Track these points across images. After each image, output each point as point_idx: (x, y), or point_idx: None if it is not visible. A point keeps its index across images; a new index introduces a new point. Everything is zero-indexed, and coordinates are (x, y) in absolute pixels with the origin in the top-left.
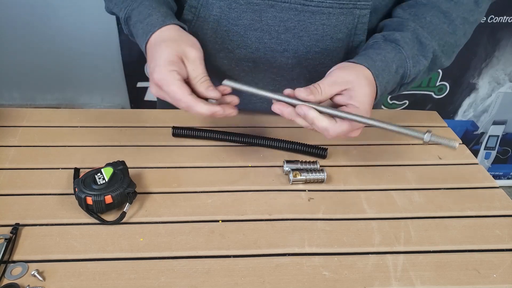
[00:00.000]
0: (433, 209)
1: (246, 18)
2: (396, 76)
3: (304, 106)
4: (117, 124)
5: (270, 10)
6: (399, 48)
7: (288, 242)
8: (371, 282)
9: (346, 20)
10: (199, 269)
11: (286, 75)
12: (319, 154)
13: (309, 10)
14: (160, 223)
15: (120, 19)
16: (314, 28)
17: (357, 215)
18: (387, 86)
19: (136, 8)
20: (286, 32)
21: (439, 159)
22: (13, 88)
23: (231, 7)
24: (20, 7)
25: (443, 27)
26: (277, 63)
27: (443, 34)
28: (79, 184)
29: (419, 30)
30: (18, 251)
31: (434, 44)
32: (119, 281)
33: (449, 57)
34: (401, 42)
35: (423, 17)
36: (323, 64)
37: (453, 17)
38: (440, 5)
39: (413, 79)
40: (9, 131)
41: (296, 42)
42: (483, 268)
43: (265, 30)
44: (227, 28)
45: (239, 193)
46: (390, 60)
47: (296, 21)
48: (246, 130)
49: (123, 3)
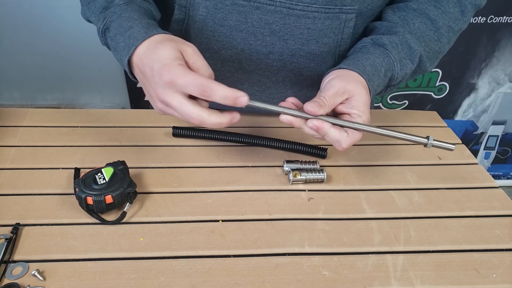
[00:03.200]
0: (433, 209)
1: (232, 19)
2: (384, 79)
3: (315, 120)
4: (117, 124)
5: (256, 12)
6: (387, 52)
7: (288, 242)
8: (371, 282)
9: (332, 25)
10: (199, 269)
11: (272, 77)
12: (319, 154)
13: (294, 13)
14: (160, 223)
15: (97, 30)
16: (299, 32)
17: (357, 215)
18: (377, 89)
19: (115, 20)
20: (271, 34)
21: (439, 159)
22: (13, 88)
23: (217, 8)
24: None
25: (429, 34)
26: (263, 65)
27: (429, 40)
28: (80, 184)
29: (408, 35)
30: (19, 251)
31: (421, 49)
32: (119, 281)
33: (432, 62)
34: (389, 47)
35: (412, 23)
36: (308, 67)
37: (439, 25)
38: (429, 13)
39: (400, 81)
40: (9, 131)
41: (281, 45)
42: (483, 268)
43: (250, 31)
44: (212, 28)
45: (239, 193)
46: (379, 64)
47: (281, 24)
48: (246, 130)
49: (101, 14)
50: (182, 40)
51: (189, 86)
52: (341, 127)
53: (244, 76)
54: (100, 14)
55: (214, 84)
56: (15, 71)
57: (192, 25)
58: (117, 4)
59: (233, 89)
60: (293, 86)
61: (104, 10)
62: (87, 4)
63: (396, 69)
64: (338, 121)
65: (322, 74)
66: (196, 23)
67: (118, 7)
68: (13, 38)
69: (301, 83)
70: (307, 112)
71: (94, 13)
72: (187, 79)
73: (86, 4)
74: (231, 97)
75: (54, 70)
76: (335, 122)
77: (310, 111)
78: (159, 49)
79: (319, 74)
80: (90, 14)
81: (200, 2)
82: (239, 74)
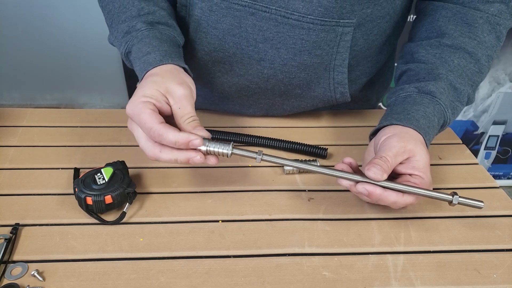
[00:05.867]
0: (433, 209)
1: (226, 23)
2: (438, 127)
3: (367, 185)
4: (117, 124)
5: (250, 17)
6: (436, 100)
7: (288, 242)
8: (371, 282)
9: (327, 37)
10: (199, 269)
11: (261, 83)
12: (319, 154)
13: (289, 23)
14: (160, 223)
15: (121, 54)
16: (293, 42)
17: (357, 215)
18: (431, 139)
19: (136, 44)
20: (264, 41)
21: (439, 159)
22: (13, 88)
23: (211, 10)
24: (20, 7)
25: (470, 68)
26: (253, 71)
27: (472, 74)
28: (79, 184)
29: (451, 76)
30: (18, 251)
31: (467, 88)
32: (119, 281)
33: (475, 92)
34: (437, 94)
35: (450, 60)
36: (299, 77)
37: (479, 56)
38: (465, 46)
39: (449, 123)
40: (9, 131)
41: (273, 53)
42: (483, 268)
43: (243, 36)
44: (206, 30)
45: (239, 193)
46: (431, 114)
47: (275, 32)
48: (246, 130)
49: (124, 38)
50: (181, 80)
51: (140, 123)
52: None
53: (233, 79)
54: (122, 38)
55: (164, 130)
56: (15, 71)
57: (190, 24)
58: (139, 29)
59: (185, 133)
60: (282, 94)
61: (126, 35)
62: (110, 30)
63: (448, 115)
64: (390, 184)
65: (312, 84)
66: (191, 23)
67: (140, 32)
68: (13, 38)
69: (290, 92)
70: (370, 179)
71: (117, 38)
72: (141, 118)
73: (110, 30)
74: (183, 142)
75: (54, 70)
76: (386, 186)
77: (373, 178)
78: (144, 83)
79: (309, 84)
80: (114, 39)
81: (196, 3)
82: (228, 77)
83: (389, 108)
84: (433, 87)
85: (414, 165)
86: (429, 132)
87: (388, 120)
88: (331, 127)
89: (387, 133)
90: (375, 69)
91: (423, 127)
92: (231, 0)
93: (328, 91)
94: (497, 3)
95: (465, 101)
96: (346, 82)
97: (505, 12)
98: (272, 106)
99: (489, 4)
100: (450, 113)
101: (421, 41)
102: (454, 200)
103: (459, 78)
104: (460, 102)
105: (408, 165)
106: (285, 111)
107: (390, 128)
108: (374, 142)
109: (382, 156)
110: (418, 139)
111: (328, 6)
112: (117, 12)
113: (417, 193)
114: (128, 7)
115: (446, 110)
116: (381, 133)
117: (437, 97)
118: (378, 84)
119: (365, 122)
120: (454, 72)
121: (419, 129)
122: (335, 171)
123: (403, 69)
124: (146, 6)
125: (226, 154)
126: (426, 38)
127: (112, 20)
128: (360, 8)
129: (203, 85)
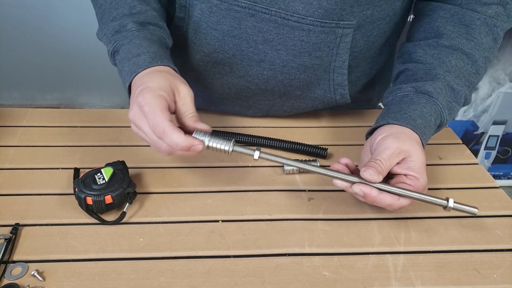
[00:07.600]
0: (433, 209)
1: (225, 24)
2: (434, 127)
3: (363, 186)
4: (117, 124)
5: (250, 19)
6: (433, 100)
7: (288, 242)
8: (371, 282)
9: (327, 39)
10: (199, 269)
11: (261, 85)
12: (319, 154)
13: (289, 24)
14: (160, 223)
15: (107, 51)
16: (292, 43)
17: (357, 215)
18: (427, 139)
19: (125, 45)
20: (264, 43)
21: (439, 159)
22: (13, 88)
23: (211, 11)
24: (20, 7)
25: (467, 69)
26: (253, 72)
27: (469, 75)
28: (79, 184)
29: (449, 77)
30: (18, 251)
31: (464, 89)
32: (119, 281)
33: (472, 93)
34: (434, 94)
35: (448, 61)
36: (298, 79)
37: (476, 58)
38: (463, 47)
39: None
40: (9, 131)
41: (273, 54)
42: (483, 268)
43: (243, 38)
44: (205, 31)
45: (239, 193)
46: (428, 114)
47: (275, 33)
48: (246, 130)
49: (113, 36)
50: (183, 80)
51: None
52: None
53: (233, 81)
54: (112, 36)
55: (170, 129)
56: (15, 71)
57: (189, 25)
58: (129, 29)
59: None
60: (282, 96)
61: (116, 33)
62: (100, 25)
63: (445, 115)
64: (386, 187)
65: (312, 86)
66: (191, 24)
67: (130, 32)
68: (13, 38)
69: (290, 93)
70: (366, 180)
71: (106, 35)
72: (151, 110)
73: (100, 25)
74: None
75: (54, 70)
76: (382, 188)
77: (369, 179)
78: (155, 75)
79: (309, 85)
80: (102, 36)
81: (196, 4)
82: (228, 78)
83: (386, 107)
84: (431, 87)
85: (409, 165)
86: (425, 132)
87: (384, 120)
88: (331, 127)
89: (383, 133)
90: (374, 70)
91: (419, 126)
92: (231, 2)
93: (328, 92)
94: (494, 5)
95: (462, 102)
96: (346, 84)
97: (502, 14)
98: (272, 107)
99: (487, 6)
100: (447, 113)
101: (419, 41)
102: (449, 205)
103: (457, 78)
104: (457, 102)
105: (404, 166)
106: (285, 112)
107: (387, 128)
108: (370, 142)
109: (377, 159)
110: (414, 139)
111: (328, 8)
112: (109, 7)
113: (412, 197)
114: (120, 4)
115: (443, 111)
116: (377, 133)
117: (434, 97)
118: (379, 85)
119: (365, 122)
120: (452, 73)
121: (415, 129)
122: (331, 172)
123: (401, 68)
124: (138, 4)
125: (226, 151)
126: (424, 38)
127: (103, 15)
128: (360, 9)
129: (203, 86)
